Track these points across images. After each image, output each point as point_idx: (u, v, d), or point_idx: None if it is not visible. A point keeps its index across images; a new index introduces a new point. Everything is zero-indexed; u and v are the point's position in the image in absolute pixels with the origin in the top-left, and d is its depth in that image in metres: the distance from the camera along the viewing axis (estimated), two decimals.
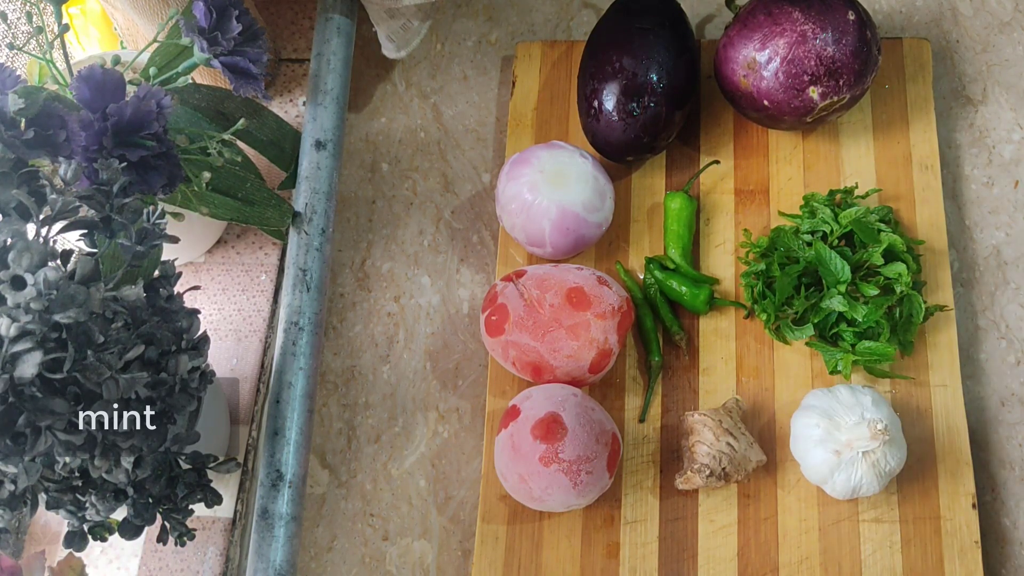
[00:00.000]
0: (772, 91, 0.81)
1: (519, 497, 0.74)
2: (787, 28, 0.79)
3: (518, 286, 0.77)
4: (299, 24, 0.99)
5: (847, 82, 0.80)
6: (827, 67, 0.79)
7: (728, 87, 0.84)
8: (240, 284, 0.87)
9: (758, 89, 0.81)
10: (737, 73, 0.82)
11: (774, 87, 0.80)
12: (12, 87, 0.61)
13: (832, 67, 0.79)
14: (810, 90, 0.80)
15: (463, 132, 0.95)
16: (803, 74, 0.79)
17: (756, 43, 0.81)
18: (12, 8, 0.84)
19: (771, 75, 0.80)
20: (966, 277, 0.85)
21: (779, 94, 0.81)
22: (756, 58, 0.80)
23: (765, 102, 0.82)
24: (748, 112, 0.84)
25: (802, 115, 0.82)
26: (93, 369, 0.55)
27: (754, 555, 0.74)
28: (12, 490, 0.58)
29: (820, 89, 0.80)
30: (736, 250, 0.85)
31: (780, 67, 0.80)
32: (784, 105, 0.81)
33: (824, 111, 0.81)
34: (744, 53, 0.81)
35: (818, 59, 0.79)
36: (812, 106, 0.81)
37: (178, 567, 0.77)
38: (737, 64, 0.82)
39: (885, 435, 0.69)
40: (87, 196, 0.60)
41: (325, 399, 0.85)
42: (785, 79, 0.80)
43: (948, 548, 0.73)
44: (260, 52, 0.72)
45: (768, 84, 0.80)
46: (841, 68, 0.79)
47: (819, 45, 0.79)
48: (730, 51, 0.82)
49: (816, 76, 0.79)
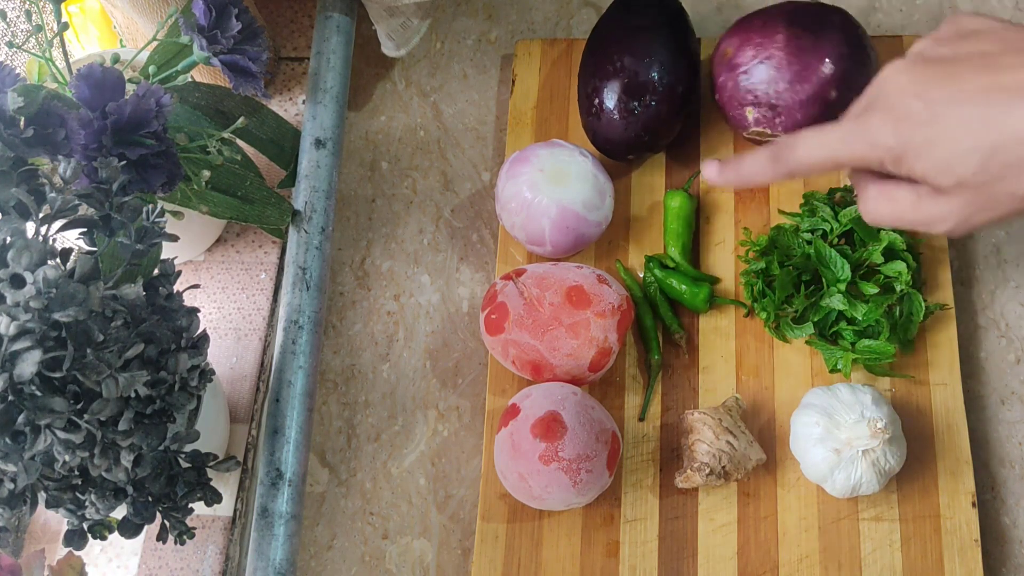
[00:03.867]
0: (724, 86, 0.81)
1: (519, 496, 0.74)
2: (764, 42, 0.79)
3: (518, 285, 0.77)
4: (299, 22, 0.99)
5: (784, 124, 0.79)
6: (770, 100, 0.79)
7: (709, 68, 0.85)
8: (240, 282, 0.87)
9: (718, 78, 0.82)
10: (714, 57, 0.83)
11: (728, 84, 0.81)
12: (11, 85, 0.61)
13: (774, 103, 0.78)
14: (747, 110, 0.80)
15: (463, 130, 0.94)
16: (749, 92, 0.79)
17: (736, 38, 0.81)
18: (11, 6, 0.84)
19: (730, 71, 0.80)
20: (966, 275, 0.85)
21: (726, 93, 0.81)
22: (727, 51, 0.81)
23: (716, 95, 0.83)
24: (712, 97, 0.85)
25: (738, 126, 0.82)
26: (92, 368, 0.55)
27: (754, 553, 0.74)
28: (12, 488, 0.58)
29: (756, 115, 0.80)
30: (736, 249, 0.85)
31: (738, 71, 0.80)
32: (728, 105, 0.82)
33: (757, 136, 0.82)
34: (727, 42, 0.82)
35: (767, 86, 0.78)
36: (746, 124, 0.81)
37: (178, 565, 0.77)
38: (718, 49, 0.83)
39: (885, 433, 0.69)
40: (86, 194, 0.60)
41: (325, 398, 0.85)
42: (735, 84, 0.80)
43: (948, 547, 0.73)
44: (260, 50, 0.72)
45: (724, 79, 0.81)
46: (782, 109, 0.78)
47: (774, 75, 0.78)
48: (723, 38, 0.83)
49: (757, 101, 0.79)
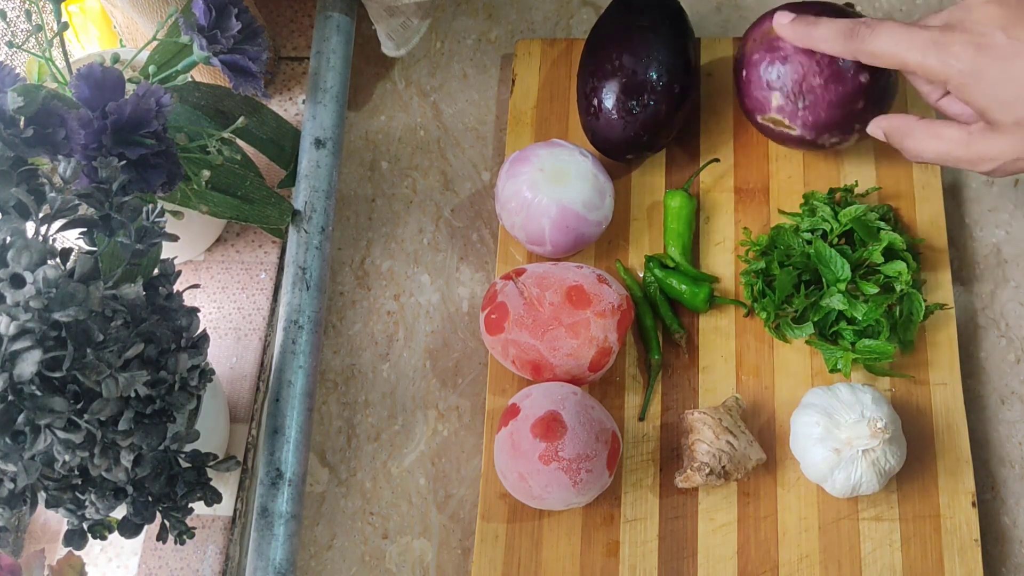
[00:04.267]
0: (757, 64, 0.79)
1: (519, 495, 0.74)
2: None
3: (518, 284, 0.77)
4: (298, 22, 0.99)
5: (803, 119, 0.78)
6: (801, 91, 0.77)
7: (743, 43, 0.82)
8: (240, 282, 0.87)
9: (751, 54, 0.80)
10: (752, 32, 0.81)
11: (762, 63, 0.79)
12: (11, 85, 0.61)
13: (804, 95, 0.77)
14: (775, 94, 0.78)
15: (463, 130, 0.94)
16: (782, 76, 0.78)
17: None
18: (11, 6, 0.84)
19: (768, 51, 0.78)
20: (966, 275, 0.85)
21: (756, 72, 0.79)
22: (771, 29, 0.78)
23: (743, 71, 0.81)
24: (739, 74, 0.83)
25: (756, 108, 0.81)
26: (92, 367, 0.55)
27: (754, 553, 0.74)
28: (11, 488, 0.58)
29: (781, 101, 0.78)
30: (736, 248, 0.85)
31: (777, 52, 0.78)
32: (753, 84, 0.80)
33: (770, 123, 0.80)
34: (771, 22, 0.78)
35: (802, 76, 0.77)
36: (766, 108, 0.79)
37: (178, 565, 0.77)
38: (761, 26, 0.80)
39: (885, 433, 0.69)
40: (86, 194, 0.60)
41: (325, 397, 0.85)
42: (770, 64, 0.78)
43: (948, 546, 0.73)
44: (259, 50, 0.72)
45: (759, 56, 0.79)
46: (808, 104, 0.77)
47: (814, 68, 0.77)
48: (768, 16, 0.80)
49: (786, 88, 0.78)
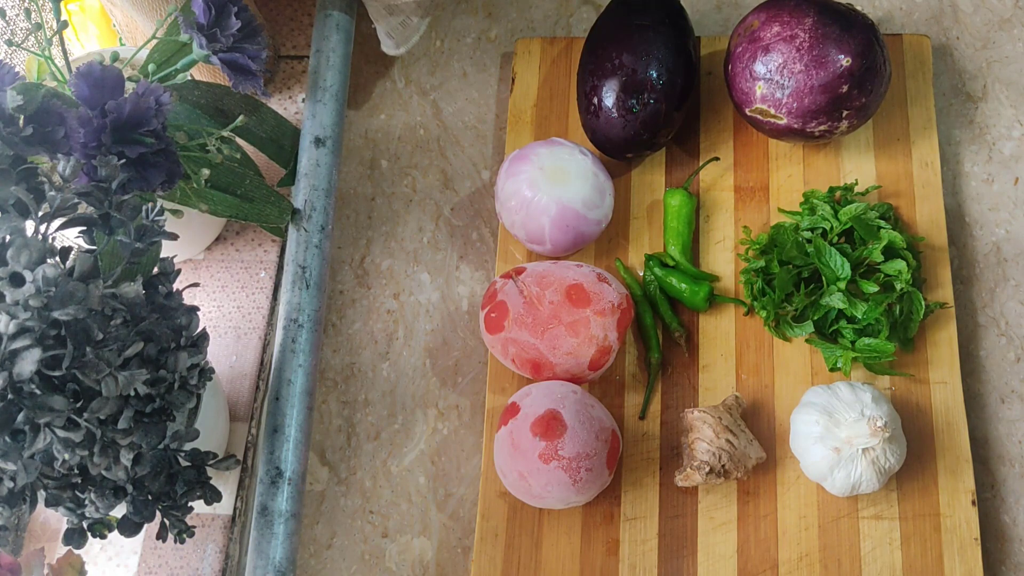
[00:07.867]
0: (740, 57, 0.80)
1: (519, 494, 0.74)
2: (792, 22, 0.78)
3: (518, 283, 0.77)
4: (298, 21, 0.99)
5: (788, 106, 0.79)
6: (783, 79, 0.78)
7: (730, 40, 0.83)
8: (239, 281, 0.87)
9: (735, 48, 0.81)
10: (737, 28, 0.82)
11: (745, 55, 0.80)
12: (11, 84, 0.61)
13: (786, 83, 0.78)
14: (758, 84, 0.79)
15: (462, 129, 0.94)
16: (764, 66, 0.78)
17: (765, 13, 0.80)
18: (11, 5, 0.84)
19: (750, 43, 0.80)
20: (966, 274, 0.85)
21: (741, 64, 0.80)
22: (754, 23, 0.80)
23: (729, 66, 0.82)
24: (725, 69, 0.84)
25: (743, 101, 0.81)
26: (92, 366, 0.55)
27: (754, 552, 0.74)
28: (11, 487, 0.58)
29: (764, 91, 0.79)
30: (736, 247, 0.85)
31: (758, 43, 0.79)
32: (739, 76, 0.81)
33: (759, 114, 0.81)
34: (755, 16, 0.81)
35: (783, 64, 0.78)
36: (751, 100, 0.80)
37: (177, 564, 0.77)
38: (744, 21, 0.82)
39: (885, 432, 0.69)
40: (86, 193, 0.60)
41: (324, 396, 0.85)
42: (753, 56, 0.79)
43: (948, 545, 0.73)
44: (259, 49, 0.72)
45: (743, 50, 0.80)
46: (791, 91, 0.78)
47: (794, 55, 0.77)
48: (752, 12, 0.82)
49: (770, 77, 0.78)
